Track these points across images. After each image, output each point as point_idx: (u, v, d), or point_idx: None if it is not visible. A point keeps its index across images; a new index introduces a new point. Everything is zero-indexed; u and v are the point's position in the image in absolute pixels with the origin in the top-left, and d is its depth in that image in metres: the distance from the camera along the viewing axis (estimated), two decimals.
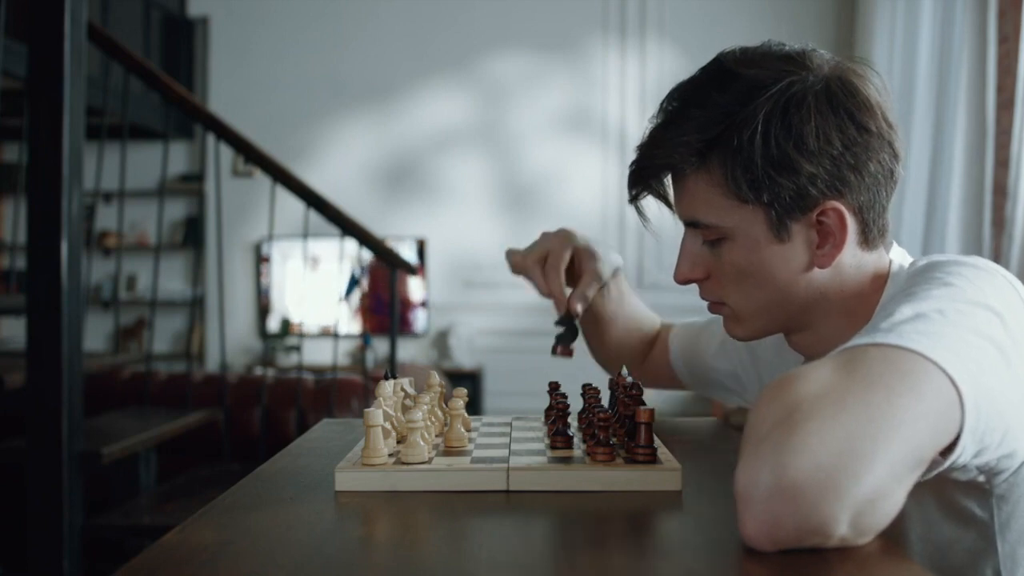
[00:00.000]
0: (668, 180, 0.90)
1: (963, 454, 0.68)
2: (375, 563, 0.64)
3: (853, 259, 0.85)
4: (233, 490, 0.81)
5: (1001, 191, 3.23)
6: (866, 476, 0.59)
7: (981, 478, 0.76)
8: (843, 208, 0.81)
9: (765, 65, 0.82)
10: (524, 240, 1.18)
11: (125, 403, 2.77)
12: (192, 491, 2.38)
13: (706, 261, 0.88)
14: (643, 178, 0.88)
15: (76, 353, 2.01)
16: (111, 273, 5.15)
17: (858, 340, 0.69)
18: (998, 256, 3.14)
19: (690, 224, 0.88)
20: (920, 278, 0.77)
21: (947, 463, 0.68)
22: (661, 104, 0.87)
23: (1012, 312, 0.74)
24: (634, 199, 0.91)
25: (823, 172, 0.80)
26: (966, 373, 0.66)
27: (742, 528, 0.61)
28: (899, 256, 0.89)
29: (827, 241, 0.83)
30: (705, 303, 0.94)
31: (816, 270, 0.84)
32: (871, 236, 0.85)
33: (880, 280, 0.86)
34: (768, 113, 0.79)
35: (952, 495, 0.80)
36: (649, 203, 0.92)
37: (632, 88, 5.04)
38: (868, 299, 0.85)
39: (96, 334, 5.05)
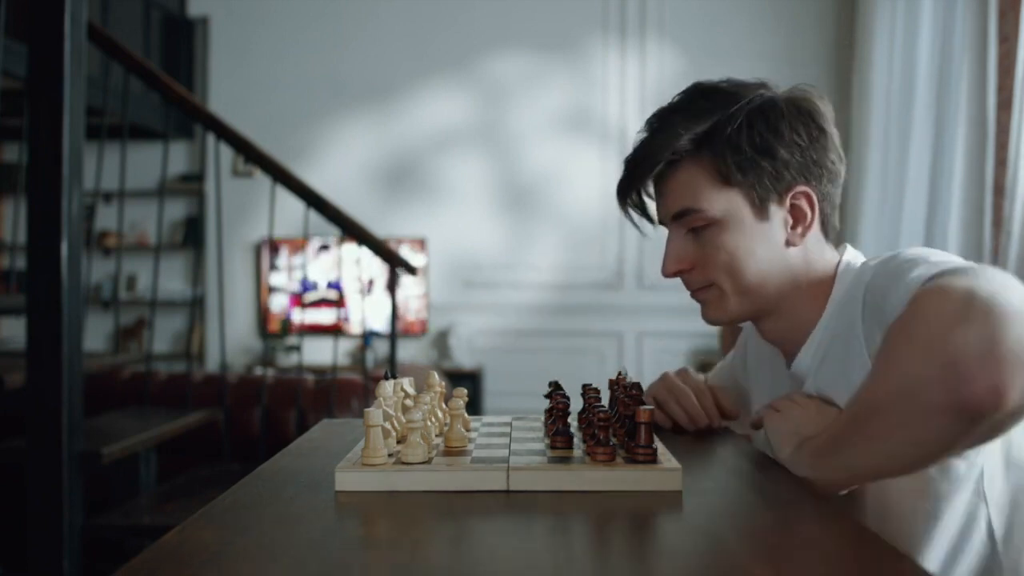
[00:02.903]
0: (650, 190, 1.03)
1: None
2: (375, 563, 0.64)
3: (816, 245, 1.00)
4: (233, 490, 0.81)
5: (1001, 191, 3.22)
6: None
7: None
8: (811, 192, 0.97)
9: (737, 84, 1.00)
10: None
11: (125, 403, 2.77)
12: (192, 491, 2.38)
13: (690, 253, 1.00)
14: (641, 171, 1.00)
15: (76, 353, 2.01)
16: (111, 273, 5.15)
17: (917, 286, 0.77)
18: (997, 255, 3.14)
19: (678, 216, 0.99)
20: (888, 266, 0.88)
21: None
22: (647, 121, 1.02)
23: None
24: (628, 197, 1.03)
25: (795, 160, 0.96)
26: None
27: (969, 393, 0.66)
28: (852, 256, 1.02)
29: (799, 222, 0.98)
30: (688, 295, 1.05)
31: (790, 250, 0.98)
32: (828, 227, 1.01)
33: (833, 271, 1.00)
34: (750, 111, 0.96)
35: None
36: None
37: (632, 88, 5.04)
38: (825, 286, 0.99)
39: (96, 334, 5.05)
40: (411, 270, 3.24)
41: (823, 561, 0.60)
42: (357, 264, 4.79)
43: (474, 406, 4.56)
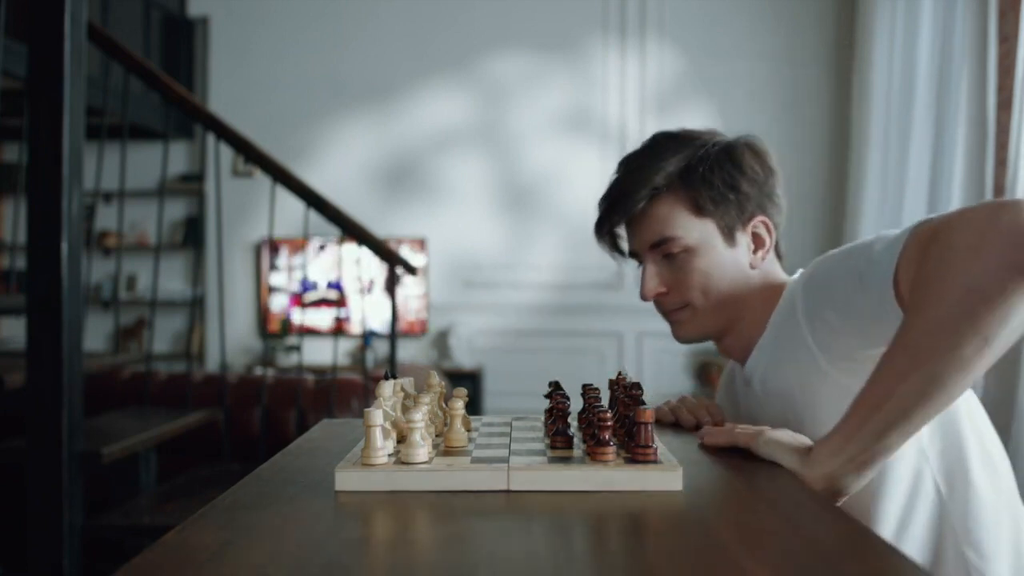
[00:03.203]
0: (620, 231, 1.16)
1: None
2: (375, 563, 0.64)
3: (771, 266, 1.15)
4: (233, 490, 0.81)
5: (1001, 191, 3.22)
6: None
7: None
8: (767, 221, 1.12)
9: (694, 132, 1.15)
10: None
11: (125, 403, 2.77)
12: (192, 491, 2.38)
13: (665, 278, 1.13)
14: (625, 206, 1.11)
15: (76, 353, 2.01)
16: (111, 273, 5.15)
17: (901, 244, 0.87)
18: None
19: (656, 245, 1.11)
20: (828, 259, 1.02)
21: None
22: (620, 163, 1.16)
23: None
24: (607, 232, 1.15)
25: (754, 193, 1.11)
26: None
27: (1012, 263, 0.75)
28: (800, 274, 1.12)
29: (759, 247, 1.13)
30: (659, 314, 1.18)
31: (752, 272, 1.12)
32: (779, 251, 1.16)
33: (781, 286, 1.12)
34: (718, 152, 1.11)
35: None
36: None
37: (632, 88, 5.04)
38: (774, 297, 1.10)
39: (96, 334, 5.05)
40: (411, 270, 3.24)
41: (823, 561, 0.60)
42: (357, 264, 4.79)
43: (474, 406, 4.56)
